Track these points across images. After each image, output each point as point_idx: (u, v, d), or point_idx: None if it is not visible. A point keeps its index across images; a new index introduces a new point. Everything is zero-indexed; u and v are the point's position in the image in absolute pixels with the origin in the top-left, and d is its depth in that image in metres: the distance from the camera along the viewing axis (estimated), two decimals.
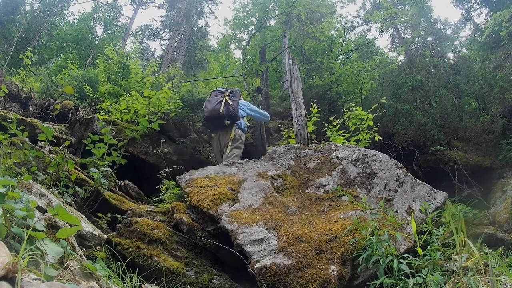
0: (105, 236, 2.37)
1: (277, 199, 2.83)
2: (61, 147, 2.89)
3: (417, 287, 1.85)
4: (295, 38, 13.00)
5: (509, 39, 7.86)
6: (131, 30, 19.63)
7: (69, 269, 1.36)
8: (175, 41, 18.45)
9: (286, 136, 6.20)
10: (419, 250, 2.00)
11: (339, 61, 10.69)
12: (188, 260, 2.43)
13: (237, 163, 3.70)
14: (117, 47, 11.67)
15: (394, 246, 2.16)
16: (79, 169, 3.51)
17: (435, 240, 2.11)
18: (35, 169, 2.68)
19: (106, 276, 1.75)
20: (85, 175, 3.37)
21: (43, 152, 2.92)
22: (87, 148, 3.08)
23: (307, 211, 2.72)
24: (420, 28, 16.76)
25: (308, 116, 5.64)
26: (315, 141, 5.54)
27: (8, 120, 2.94)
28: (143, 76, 8.22)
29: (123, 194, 3.67)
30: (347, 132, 5.64)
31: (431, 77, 8.05)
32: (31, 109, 5.83)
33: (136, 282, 1.92)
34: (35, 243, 1.23)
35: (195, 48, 19.29)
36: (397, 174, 3.05)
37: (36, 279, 1.00)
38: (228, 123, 4.47)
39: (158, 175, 4.01)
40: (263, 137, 5.70)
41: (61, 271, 1.28)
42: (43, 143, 3.54)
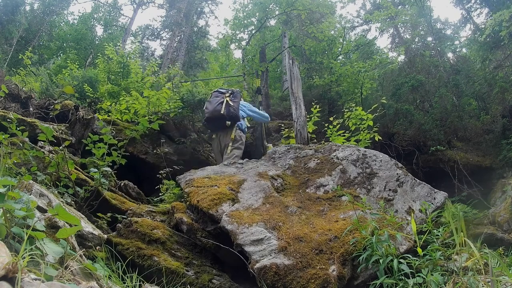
0: (105, 236, 2.37)
1: (277, 199, 2.83)
2: (61, 147, 2.89)
3: (417, 287, 1.85)
4: (295, 38, 12.99)
5: (509, 39, 7.86)
6: (131, 30, 19.63)
7: (69, 269, 1.36)
8: (175, 41, 18.44)
9: (286, 135, 6.20)
10: (419, 250, 2.00)
11: (339, 61, 10.68)
12: (188, 260, 2.43)
13: (237, 163, 3.70)
14: (117, 47, 11.66)
15: (394, 246, 2.16)
16: (79, 169, 3.51)
17: (435, 240, 2.11)
18: (35, 169, 2.68)
19: (106, 276, 1.75)
20: (85, 175, 3.37)
21: (43, 152, 2.92)
22: (87, 148, 3.08)
23: (307, 211, 2.72)
24: (420, 28, 16.75)
25: (308, 116, 5.64)
26: (315, 141, 5.54)
27: (8, 120, 2.94)
28: (143, 76, 8.22)
29: (123, 194, 3.67)
30: (347, 132, 5.64)
31: (431, 77, 8.05)
32: (31, 109, 5.83)
33: (136, 282, 1.92)
34: (35, 243, 1.23)
35: (195, 48, 19.28)
36: (397, 174, 3.05)
37: (36, 279, 1.00)
38: (229, 124, 4.49)
39: (158, 175, 4.01)
40: (263, 137, 5.70)
41: (61, 271, 1.28)
42: (43, 143, 3.54)
